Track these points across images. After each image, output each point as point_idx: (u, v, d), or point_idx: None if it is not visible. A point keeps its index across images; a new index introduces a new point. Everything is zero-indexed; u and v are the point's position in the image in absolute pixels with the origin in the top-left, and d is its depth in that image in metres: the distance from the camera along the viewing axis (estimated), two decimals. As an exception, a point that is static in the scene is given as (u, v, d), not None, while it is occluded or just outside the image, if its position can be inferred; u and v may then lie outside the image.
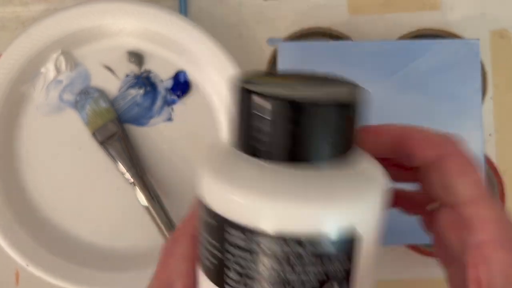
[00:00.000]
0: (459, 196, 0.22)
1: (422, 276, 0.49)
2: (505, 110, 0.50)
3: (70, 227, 0.49)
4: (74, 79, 0.49)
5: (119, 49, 0.49)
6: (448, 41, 0.46)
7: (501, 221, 0.21)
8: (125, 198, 0.49)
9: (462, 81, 0.46)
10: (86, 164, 0.49)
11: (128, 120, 0.49)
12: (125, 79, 0.49)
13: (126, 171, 0.47)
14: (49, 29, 0.47)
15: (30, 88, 0.49)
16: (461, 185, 0.22)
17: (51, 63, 0.48)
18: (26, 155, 0.49)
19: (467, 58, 0.46)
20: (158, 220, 0.46)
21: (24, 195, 0.49)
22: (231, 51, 0.49)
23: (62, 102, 0.49)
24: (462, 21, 0.51)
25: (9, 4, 0.51)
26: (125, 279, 0.47)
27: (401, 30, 0.50)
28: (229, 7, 0.51)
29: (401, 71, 0.46)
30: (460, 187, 0.22)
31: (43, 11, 0.51)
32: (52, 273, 0.46)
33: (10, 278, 0.50)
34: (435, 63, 0.46)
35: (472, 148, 0.46)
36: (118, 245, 0.49)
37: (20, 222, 0.47)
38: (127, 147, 0.48)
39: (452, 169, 0.22)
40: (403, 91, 0.46)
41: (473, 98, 0.46)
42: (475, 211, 0.21)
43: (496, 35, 0.51)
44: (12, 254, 0.46)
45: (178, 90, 0.49)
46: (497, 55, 0.50)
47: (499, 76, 0.50)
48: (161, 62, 0.49)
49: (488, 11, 0.51)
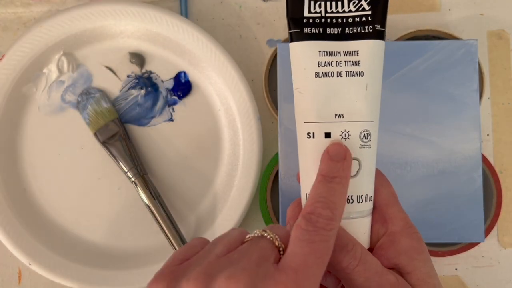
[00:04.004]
0: (381, 200, 0.31)
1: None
2: (502, 111, 0.50)
3: (72, 226, 0.49)
4: (76, 80, 0.49)
5: (121, 50, 0.49)
6: (446, 42, 0.47)
7: (406, 219, 0.31)
8: (127, 197, 0.49)
9: (460, 82, 0.46)
10: (87, 164, 0.49)
11: (129, 120, 0.49)
12: (126, 80, 0.49)
13: (128, 170, 0.47)
14: (51, 30, 0.48)
15: (32, 89, 0.49)
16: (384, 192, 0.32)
17: (53, 64, 0.49)
18: (28, 155, 0.49)
19: (465, 58, 0.46)
20: (159, 219, 0.47)
21: (26, 194, 0.49)
22: (231, 52, 0.49)
23: (64, 103, 0.49)
24: (460, 22, 0.51)
25: (11, 5, 0.51)
26: (127, 277, 0.47)
27: (399, 31, 0.51)
28: (229, 9, 0.51)
29: (399, 72, 0.47)
30: (383, 192, 0.32)
31: (45, 12, 0.51)
32: (54, 272, 0.47)
33: (13, 277, 0.50)
34: (433, 63, 0.46)
35: (470, 148, 0.46)
36: (119, 244, 0.49)
37: (22, 221, 0.48)
38: (128, 147, 0.48)
39: (376, 182, 0.31)
40: (401, 91, 0.47)
41: (471, 99, 0.46)
42: (390, 211, 0.31)
43: (493, 36, 0.51)
44: (14, 252, 0.47)
45: (179, 91, 0.49)
46: (495, 56, 0.51)
47: (496, 76, 0.51)
48: (162, 63, 0.49)
49: (486, 12, 0.51)
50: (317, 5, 0.30)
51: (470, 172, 0.46)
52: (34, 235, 0.47)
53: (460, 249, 0.47)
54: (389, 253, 0.30)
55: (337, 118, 0.29)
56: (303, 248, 0.26)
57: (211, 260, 0.25)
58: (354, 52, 0.29)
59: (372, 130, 0.30)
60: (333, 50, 0.29)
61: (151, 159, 0.49)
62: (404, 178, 0.46)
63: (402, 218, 0.31)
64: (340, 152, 0.29)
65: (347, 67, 0.29)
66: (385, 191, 0.31)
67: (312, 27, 0.30)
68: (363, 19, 0.30)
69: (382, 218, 0.31)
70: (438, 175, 0.46)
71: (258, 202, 0.49)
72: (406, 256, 0.29)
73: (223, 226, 0.48)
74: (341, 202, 0.28)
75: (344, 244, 0.28)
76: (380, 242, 0.31)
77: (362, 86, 0.29)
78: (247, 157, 0.48)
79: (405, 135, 0.46)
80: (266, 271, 0.24)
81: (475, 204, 0.46)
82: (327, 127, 0.29)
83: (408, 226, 0.31)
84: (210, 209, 0.49)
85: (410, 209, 0.46)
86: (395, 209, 0.31)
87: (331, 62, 0.29)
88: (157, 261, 0.47)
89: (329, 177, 0.28)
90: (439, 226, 0.46)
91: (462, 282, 0.49)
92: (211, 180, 0.49)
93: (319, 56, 0.29)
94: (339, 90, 0.29)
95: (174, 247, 0.47)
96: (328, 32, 0.30)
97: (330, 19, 0.30)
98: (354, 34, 0.30)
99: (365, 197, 0.30)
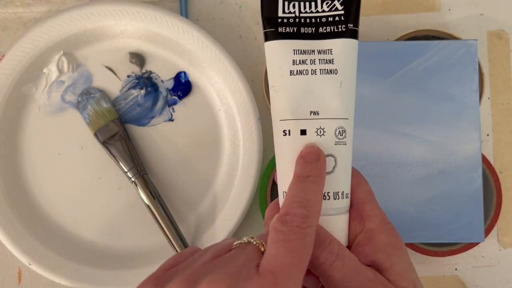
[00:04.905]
0: (358, 198, 0.31)
1: (420, 274, 0.49)
2: (502, 111, 0.51)
3: (72, 226, 0.49)
4: (76, 80, 0.49)
5: (121, 50, 0.49)
6: (446, 42, 0.47)
7: (383, 216, 0.31)
8: (127, 197, 0.49)
9: (460, 82, 0.46)
10: (88, 164, 0.49)
11: (129, 120, 0.49)
12: (126, 80, 0.49)
13: (128, 170, 0.47)
14: (51, 30, 0.48)
15: (32, 89, 0.49)
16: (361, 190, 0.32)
17: (53, 64, 0.49)
18: (28, 155, 0.49)
19: (464, 58, 0.46)
20: (159, 219, 0.47)
21: (27, 194, 0.49)
22: (231, 52, 0.49)
23: (64, 103, 0.49)
24: (460, 22, 0.51)
25: (11, 5, 0.51)
26: (127, 277, 0.47)
27: (399, 31, 0.51)
28: (229, 9, 0.52)
29: (399, 72, 0.47)
30: (360, 191, 0.32)
31: (45, 12, 0.51)
32: (54, 271, 0.47)
33: (13, 277, 0.50)
34: (433, 63, 0.47)
35: (470, 148, 0.46)
36: (119, 244, 0.49)
37: (23, 221, 0.48)
38: (128, 147, 0.48)
39: (352, 181, 0.31)
40: (401, 91, 0.47)
41: (471, 99, 0.46)
42: (367, 209, 0.31)
43: (493, 36, 0.51)
44: (14, 252, 0.47)
45: (179, 91, 0.49)
46: (495, 56, 0.51)
47: (496, 76, 0.51)
48: (162, 63, 0.49)
49: (486, 12, 0.51)
50: (291, 6, 0.31)
51: (470, 172, 0.46)
52: (34, 235, 0.47)
53: (460, 249, 0.47)
54: (366, 250, 0.30)
55: (312, 115, 0.30)
56: (278, 249, 0.25)
57: (197, 267, 0.26)
58: (328, 50, 0.30)
59: (347, 127, 0.30)
60: (307, 49, 0.30)
61: (151, 159, 0.49)
62: (404, 178, 0.46)
63: (378, 215, 0.31)
64: (313, 153, 0.29)
65: (321, 65, 0.30)
66: (362, 189, 0.32)
67: (286, 26, 0.30)
68: (336, 19, 0.30)
69: (359, 215, 0.31)
70: (438, 175, 0.46)
71: (258, 202, 0.49)
72: (384, 253, 0.30)
73: (223, 226, 0.48)
74: (317, 199, 0.28)
75: (321, 240, 0.28)
76: (358, 240, 0.31)
77: (336, 84, 0.30)
78: (247, 157, 0.48)
79: (405, 135, 0.46)
80: (247, 274, 0.25)
81: (475, 204, 0.46)
82: (303, 124, 0.30)
83: (385, 222, 0.31)
84: (210, 209, 0.49)
85: (410, 209, 0.46)
86: (372, 206, 0.31)
87: (305, 61, 0.30)
88: (157, 261, 0.47)
89: (303, 177, 0.29)
90: (439, 226, 0.46)
91: (462, 282, 0.49)
92: (211, 180, 0.49)
93: (294, 54, 0.30)
94: (313, 88, 0.30)
95: (174, 247, 0.47)
96: (302, 32, 0.30)
97: (304, 19, 0.30)
98: (327, 33, 0.30)
99: (341, 194, 0.30)
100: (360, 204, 0.31)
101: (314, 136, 0.30)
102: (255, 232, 0.50)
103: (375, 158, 0.46)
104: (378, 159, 0.47)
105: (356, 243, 0.31)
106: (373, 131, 0.46)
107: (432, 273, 0.49)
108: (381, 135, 0.47)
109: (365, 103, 0.46)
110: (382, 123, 0.47)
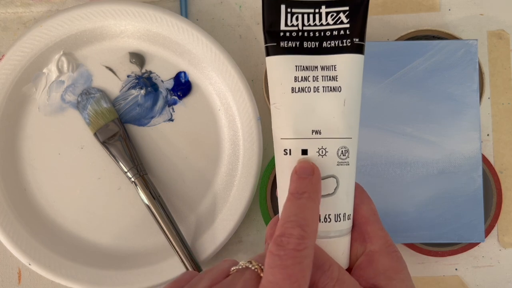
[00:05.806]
0: (361, 218, 0.30)
1: (420, 274, 0.49)
2: (502, 111, 0.50)
3: (72, 226, 0.49)
4: (76, 80, 0.49)
5: (121, 50, 0.49)
6: (446, 42, 0.47)
7: (385, 237, 0.30)
8: (127, 197, 0.49)
9: (460, 82, 0.46)
10: (87, 164, 0.49)
11: (129, 120, 0.49)
12: (126, 80, 0.49)
13: (127, 170, 0.47)
14: (51, 30, 0.48)
15: (32, 89, 0.49)
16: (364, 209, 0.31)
17: (53, 64, 0.49)
18: (28, 155, 0.49)
19: (465, 58, 0.46)
20: (159, 219, 0.47)
21: (26, 194, 0.49)
22: (231, 52, 0.49)
23: (64, 103, 0.49)
24: (460, 22, 0.51)
25: (11, 5, 0.51)
26: (127, 277, 0.47)
27: (399, 31, 0.51)
28: (229, 9, 0.52)
29: (399, 72, 0.47)
30: (364, 209, 0.31)
31: (45, 12, 0.51)
32: (54, 271, 0.47)
33: (13, 277, 0.50)
34: (433, 63, 0.46)
35: (470, 148, 0.46)
36: (119, 244, 0.49)
37: (22, 221, 0.48)
38: (128, 147, 0.48)
39: (356, 199, 0.30)
40: (401, 91, 0.47)
41: (471, 99, 0.46)
42: (370, 229, 0.30)
43: (493, 36, 0.51)
44: (14, 252, 0.47)
45: (179, 91, 0.49)
46: (495, 56, 0.51)
47: (496, 76, 0.51)
48: (162, 63, 0.49)
49: (486, 12, 0.51)
50: (294, 18, 0.29)
51: (470, 172, 0.46)
52: (34, 235, 0.47)
53: (460, 249, 0.47)
54: (367, 273, 0.29)
55: (314, 134, 0.29)
56: (276, 275, 0.25)
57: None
58: (332, 66, 0.29)
59: (350, 147, 0.29)
60: (310, 65, 0.29)
61: (151, 159, 0.49)
62: (404, 178, 0.46)
63: (381, 236, 0.30)
64: (307, 168, 0.28)
65: (324, 82, 0.29)
66: (365, 208, 0.31)
67: (288, 40, 0.29)
68: (341, 33, 0.29)
69: (361, 236, 0.30)
70: (438, 175, 0.46)
71: (258, 202, 0.49)
72: (385, 276, 0.29)
73: (223, 226, 0.48)
74: (313, 218, 0.27)
75: (320, 264, 0.27)
76: (359, 262, 0.30)
77: (339, 102, 0.29)
78: (247, 157, 0.48)
79: (405, 135, 0.46)
80: None
81: (475, 204, 0.46)
82: (304, 143, 0.29)
83: (387, 245, 0.30)
84: (210, 209, 0.49)
85: (410, 209, 0.46)
86: (374, 227, 0.30)
87: (308, 77, 0.29)
88: (157, 261, 0.47)
89: (298, 193, 0.27)
90: (439, 226, 0.46)
91: (462, 282, 0.49)
92: (211, 180, 0.49)
93: (296, 71, 0.29)
94: (316, 106, 0.29)
95: (174, 247, 0.47)
96: (305, 46, 0.29)
97: (307, 33, 0.29)
98: (331, 48, 0.29)
99: (343, 216, 0.29)
100: (363, 224, 0.30)
101: (315, 156, 0.29)
102: (255, 232, 0.50)
103: (375, 158, 0.46)
104: (378, 159, 0.47)
105: (357, 265, 0.30)
106: (373, 131, 0.46)
107: (432, 273, 0.49)
108: (381, 135, 0.47)
109: (365, 103, 0.46)
110: (382, 123, 0.47)
